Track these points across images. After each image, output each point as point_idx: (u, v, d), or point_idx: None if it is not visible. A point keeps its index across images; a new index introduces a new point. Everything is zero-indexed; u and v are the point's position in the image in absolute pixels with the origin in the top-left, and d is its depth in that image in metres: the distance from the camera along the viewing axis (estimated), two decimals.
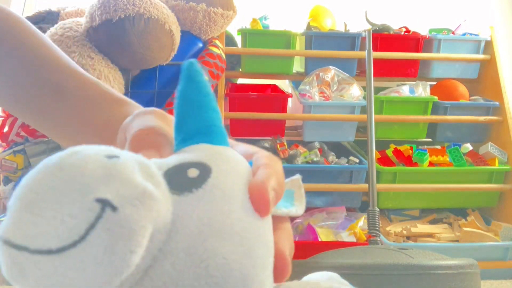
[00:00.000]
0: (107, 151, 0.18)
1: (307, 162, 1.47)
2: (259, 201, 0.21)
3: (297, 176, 0.28)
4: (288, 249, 0.23)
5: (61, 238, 0.15)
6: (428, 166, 1.50)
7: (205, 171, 0.20)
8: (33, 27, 0.43)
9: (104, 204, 0.15)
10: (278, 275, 0.21)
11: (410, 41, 1.62)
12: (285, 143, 1.49)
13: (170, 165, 0.20)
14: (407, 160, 1.52)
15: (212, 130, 0.22)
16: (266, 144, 1.52)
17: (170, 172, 0.19)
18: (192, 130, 0.22)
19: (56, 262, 0.14)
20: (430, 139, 1.66)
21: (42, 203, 0.15)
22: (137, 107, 0.36)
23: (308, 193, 1.48)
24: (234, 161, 0.21)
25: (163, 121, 0.27)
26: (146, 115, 0.27)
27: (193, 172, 0.20)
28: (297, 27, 1.65)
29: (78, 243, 0.14)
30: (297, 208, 0.26)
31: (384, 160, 1.54)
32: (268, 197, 0.21)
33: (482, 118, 1.58)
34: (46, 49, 0.41)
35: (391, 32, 1.62)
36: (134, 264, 0.15)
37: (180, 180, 0.19)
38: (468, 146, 1.54)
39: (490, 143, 1.56)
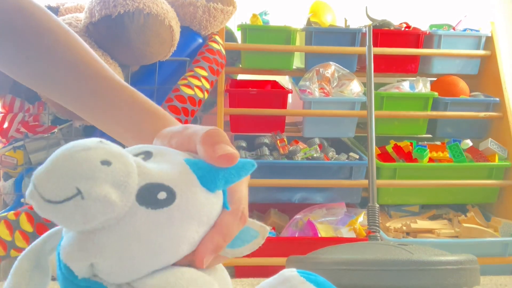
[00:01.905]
0: (104, 157, 0.26)
1: (307, 158, 1.47)
2: (198, 262, 0.28)
3: (268, 229, 0.33)
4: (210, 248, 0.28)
5: (56, 197, 0.25)
6: (428, 162, 1.50)
7: (171, 197, 0.27)
8: (67, 27, 0.46)
9: (79, 191, 0.25)
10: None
11: (411, 36, 1.61)
12: (285, 139, 1.49)
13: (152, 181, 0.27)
14: (407, 156, 1.52)
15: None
16: (266, 140, 1.52)
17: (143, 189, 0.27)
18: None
19: (57, 208, 0.25)
20: (430, 135, 1.66)
21: (54, 176, 0.25)
22: (169, 121, 0.39)
23: (308, 189, 1.48)
24: None
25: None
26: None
27: (162, 195, 0.27)
28: (297, 22, 1.64)
29: (60, 203, 0.25)
30: (242, 251, 0.31)
31: (384, 156, 1.54)
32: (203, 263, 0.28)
33: (482, 114, 1.58)
34: (83, 51, 0.43)
35: (392, 28, 1.62)
36: (84, 227, 0.26)
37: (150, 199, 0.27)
38: (468, 142, 1.54)
39: (490, 139, 1.56)
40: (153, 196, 0.26)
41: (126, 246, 0.26)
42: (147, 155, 0.29)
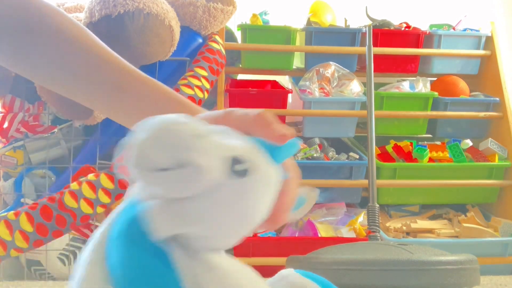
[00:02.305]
0: (197, 132, 0.28)
1: (307, 158, 1.47)
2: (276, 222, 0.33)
3: (316, 192, 0.37)
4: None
5: (162, 165, 0.27)
6: (428, 162, 1.50)
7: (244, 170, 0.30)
8: (81, 25, 0.47)
9: (182, 161, 0.27)
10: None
11: (411, 36, 1.61)
12: None
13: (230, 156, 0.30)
14: (407, 156, 1.52)
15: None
16: None
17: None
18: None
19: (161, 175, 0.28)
20: (430, 135, 1.66)
21: (159, 146, 0.27)
22: (193, 108, 0.42)
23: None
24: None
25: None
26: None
27: (239, 167, 0.29)
28: (297, 22, 1.64)
29: (165, 170, 0.27)
30: (298, 213, 0.36)
31: (384, 156, 1.54)
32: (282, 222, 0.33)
33: (482, 114, 1.58)
34: (103, 49, 0.45)
35: (392, 28, 1.62)
36: (183, 195, 0.28)
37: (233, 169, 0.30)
38: (468, 142, 1.54)
39: (490, 139, 1.56)
40: (239, 167, 0.29)
41: (218, 214, 0.29)
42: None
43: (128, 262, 0.28)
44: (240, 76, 1.74)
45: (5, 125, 1.29)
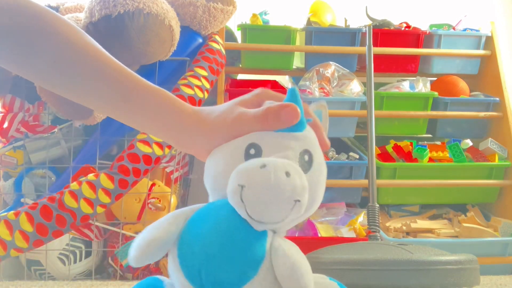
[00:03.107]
0: (286, 169, 0.35)
1: None
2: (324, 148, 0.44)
3: (323, 102, 0.49)
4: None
5: (281, 218, 0.36)
6: (428, 162, 1.50)
7: (311, 156, 0.40)
8: (81, 30, 0.49)
9: (296, 200, 0.35)
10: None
11: (411, 36, 1.61)
12: None
13: (297, 157, 0.39)
14: (407, 156, 1.52)
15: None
16: None
17: (299, 161, 0.38)
18: None
19: (278, 225, 0.37)
20: (430, 135, 1.66)
21: (270, 205, 0.35)
22: (188, 112, 0.45)
23: None
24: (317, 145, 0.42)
25: None
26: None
27: (306, 157, 0.39)
28: (297, 22, 1.64)
29: (286, 217, 0.35)
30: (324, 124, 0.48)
31: (384, 156, 1.54)
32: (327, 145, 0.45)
33: (482, 114, 1.58)
34: (108, 58, 0.47)
35: (392, 28, 1.62)
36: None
37: (304, 165, 0.39)
38: (468, 142, 1.54)
39: (490, 138, 1.56)
40: (304, 161, 0.40)
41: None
42: (256, 147, 0.39)
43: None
44: (240, 76, 1.74)
45: (5, 125, 1.29)
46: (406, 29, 1.64)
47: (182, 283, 0.36)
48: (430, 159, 1.51)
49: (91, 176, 1.07)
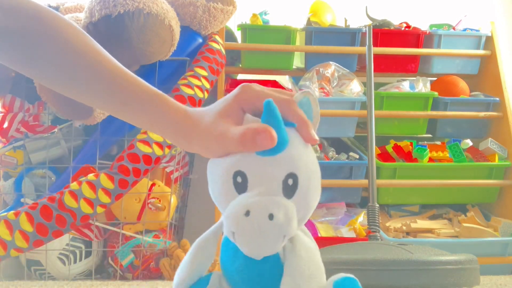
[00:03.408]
0: (269, 211, 0.37)
1: None
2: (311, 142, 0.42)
3: (307, 90, 0.47)
4: None
5: (273, 252, 0.39)
6: (428, 162, 1.50)
7: (296, 178, 0.40)
8: (82, 31, 0.51)
9: (284, 236, 0.38)
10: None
11: (411, 36, 1.61)
12: None
13: (280, 186, 0.40)
14: (407, 156, 1.52)
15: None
16: None
17: (283, 188, 0.40)
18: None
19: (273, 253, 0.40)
20: (430, 135, 1.66)
21: (260, 248, 0.38)
22: (184, 111, 0.46)
23: None
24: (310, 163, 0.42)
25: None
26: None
27: (290, 182, 0.40)
28: (297, 22, 1.64)
29: (279, 247, 0.39)
30: (314, 121, 0.45)
31: (384, 156, 1.54)
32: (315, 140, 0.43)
33: (482, 114, 1.58)
34: (107, 60, 0.48)
35: (392, 28, 1.62)
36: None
37: (288, 189, 0.40)
38: (468, 142, 1.54)
39: (490, 138, 1.56)
40: (288, 186, 0.40)
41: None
42: (243, 176, 0.40)
43: None
44: (240, 76, 1.74)
45: (5, 125, 1.29)
46: (406, 29, 1.64)
47: None
48: (430, 159, 1.51)
49: (91, 176, 1.07)
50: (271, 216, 0.37)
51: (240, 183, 0.40)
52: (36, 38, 0.47)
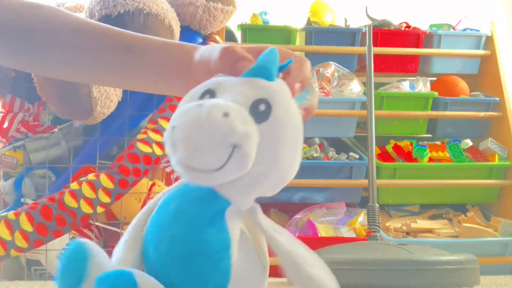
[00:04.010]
0: (225, 110, 0.30)
1: (307, 158, 1.47)
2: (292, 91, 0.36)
3: (312, 84, 0.42)
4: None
5: (216, 164, 0.30)
6: (428, 161, 1.50)
7: (269, 106, 0.33)
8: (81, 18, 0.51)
9: (234, 146, 0.30)
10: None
11: (411, 36, 1.61)
12: None
13: (249, 104, 0.33)
14: (407, 156, 1.52)
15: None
16: None
17: (251, 109, 0.32)
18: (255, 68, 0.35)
19: (216, 175, 0.30)
20: (430, 135, 1.66)
21: (200, 146, 0.30)
22: (187, 50, 0.45)
23: (308, 188, 1.48)
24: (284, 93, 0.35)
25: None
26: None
27: (262, 107, 0.33)
28: (297, 22, 1.64)
29: (224, 165, 0.30)
30: (310, 100, 0.40)
31: (384, 156, 1.54)
32: (295, 90, 0.36)
33: (482, 113, 1.58)
34: (106, 26, 0.48)
35: (392, 28, 1.62)
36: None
37: (257, 114, 0.32)
38: (468, 142, 1.54)
39: (490, 138, 1.56)
40: (257, 111, 0.33)
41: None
42: (211, 93, 0.34)
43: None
44: None
45: (5, 125, 1.29)
46: (406, 29, 1.64)
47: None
48: (430, 159, 1.51)
49: (91, 176, 1.07)
50: (226, 114, 0.30)
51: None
52: (31, 25, 0.48)
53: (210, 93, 0.34)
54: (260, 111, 0.33)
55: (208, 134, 0.29)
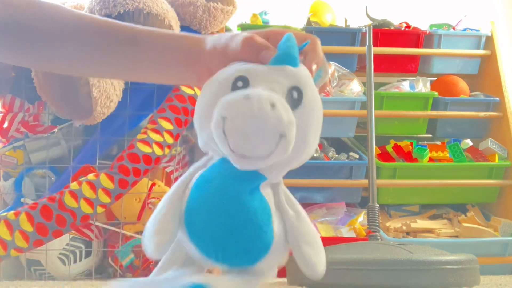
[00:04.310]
0: (271, 100, 0.33)
1: None
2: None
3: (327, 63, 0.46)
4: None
5: (266, 152, 0.33)
6: (428, 161, 1.50)
7: (300, 93, 0.36)
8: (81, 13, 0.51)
9: (281, 134, 0.32)
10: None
11: (411, 36, 1.61)
12: None
13: (285, 92, 0.36)
14: (407, 156, 1.52)
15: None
16: None
17: (287, 97, 0.36)
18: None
19: (264, 161, 0.34)
20: (430, 135, 1.66)
21: (254, 137, 0.33)
22: (196, 41, 0.45)
23: (308, 188, 1.48)
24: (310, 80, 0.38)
25: None
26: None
27: (295, 94, 0.36)
28: (297, 22, 1.64)
29: (272, 152, 0.33)
30: (323, 77, 0.43)
31: (384, 156, 1.54)
32: (312, 71, 0.40)
33: (482, 113, 1.58)
34: (110, 21, 0.48)
35: (392, 28, 1.62)
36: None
37: (292, 101, 0.36)
38: (468, 142, 1.54)
39: (490, 138, 1.56)
40: (292, 98, 0.37)
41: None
42: (244, 80, 0.37)
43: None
44: None
45: (5, 125, 1.29)
46: (406, 29, 1.64)
47: (195, 256, 0.36)
48: (430, 159, 1.51)
49: (91, 176, 1.07)
50: (273, 105, 0.32)
51: (240, 87, 0.36)
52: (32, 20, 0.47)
53: (243, 79, 0.36)
54: (295, 98, 0.36)
55: (260, 125, 0.32)
